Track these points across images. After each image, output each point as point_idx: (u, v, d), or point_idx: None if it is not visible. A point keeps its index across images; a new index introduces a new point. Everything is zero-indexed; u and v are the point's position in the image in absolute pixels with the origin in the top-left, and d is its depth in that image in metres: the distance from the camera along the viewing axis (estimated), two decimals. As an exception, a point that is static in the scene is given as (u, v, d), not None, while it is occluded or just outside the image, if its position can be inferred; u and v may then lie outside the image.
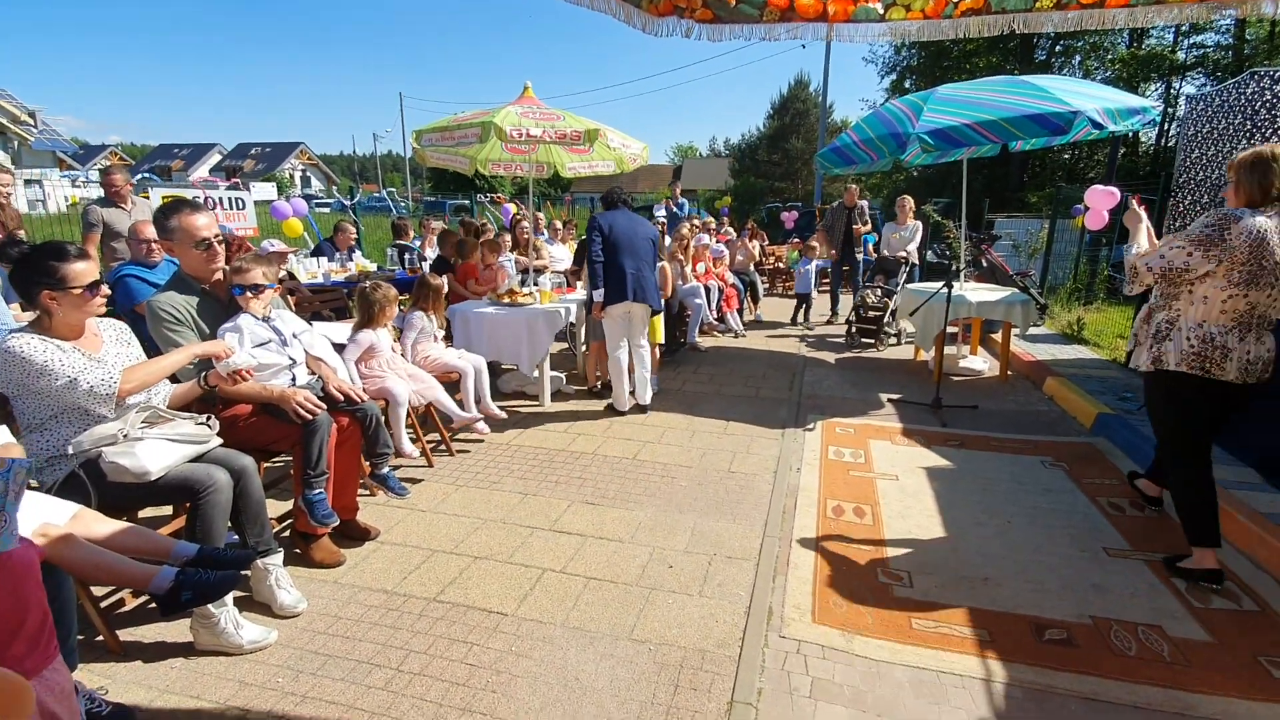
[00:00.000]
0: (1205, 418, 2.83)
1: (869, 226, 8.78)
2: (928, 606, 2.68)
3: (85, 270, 2.19)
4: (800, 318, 9.01)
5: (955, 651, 2.41)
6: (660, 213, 10.62)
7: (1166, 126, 21.68)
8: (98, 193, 5.51)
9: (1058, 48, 23.24)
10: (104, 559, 1.92)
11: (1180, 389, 2.80)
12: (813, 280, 9.00)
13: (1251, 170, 2.64)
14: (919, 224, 8.56)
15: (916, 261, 8.53)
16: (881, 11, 2.13)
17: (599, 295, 4.79)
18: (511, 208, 13.03)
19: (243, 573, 2.27)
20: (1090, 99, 4.92)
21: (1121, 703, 2.15)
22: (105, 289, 2.26)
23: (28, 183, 22.15)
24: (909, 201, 8.48)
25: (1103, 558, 3.04)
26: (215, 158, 53.58)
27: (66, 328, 2.22)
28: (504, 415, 4.69)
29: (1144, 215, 3.01)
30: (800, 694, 2.21)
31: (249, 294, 2.81)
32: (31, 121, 28.40)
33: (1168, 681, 2.24)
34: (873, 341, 7.58)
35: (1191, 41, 21.61)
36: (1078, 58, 23.28)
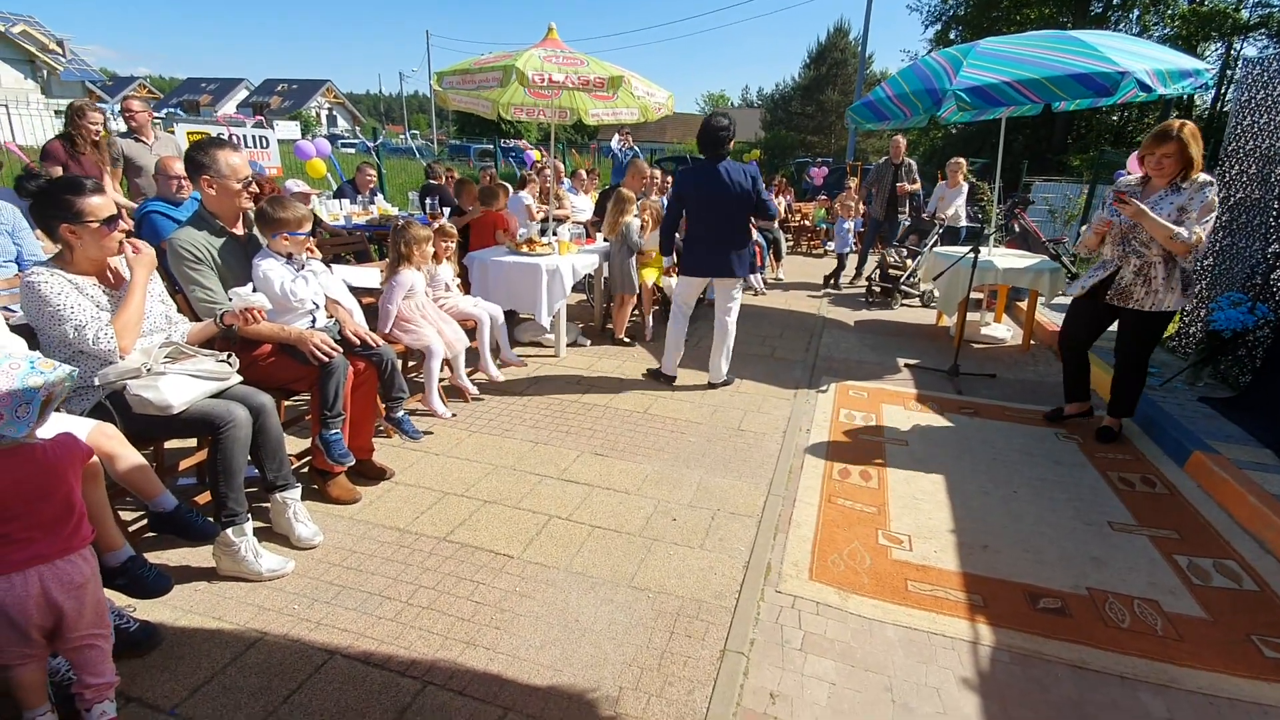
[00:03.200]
0: None
1: (917, 185, 8.43)
2: (925, 570, 2.72)
3: (102, 204, 2.21)
4: (836, 279, 8.85)
5: (948, 614, 2.46)
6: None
7: (1223, 90, 20.58)
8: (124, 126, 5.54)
9: (1115, 0, 21.96)
10: (100, 511, 1.98)
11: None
12: (851, 239, 8.82)
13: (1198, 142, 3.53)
14: (965, 186, 8.32)
15: (965, 224, 8.33)
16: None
17: (668, 261, 4.66)
18: (534, 154, 12.84)
19: (219, 539, 2.39)
20: (1140, 59, 4.67)
21: (1108, 672, 2.19)
22: (124, 223, 2.28)
23: (57, 113, 22.24)
24: (962, 164, 8.27)
25: (1106, 531, 3.05)
26: (242, 93, 53.22)
27: (87, 262, 2.27)
28: (523, 363, 4.80)
29: (1139, 204, 3.52)
30: (791, 646, 2.28)
31: (287, 236, 2.85)
32: (60, 50, 28.34)
33: (1157, 654, 2.27)
34: (888, 300, 7.62)
35: (1258, 0, 20.31)
36: (1136, 11, 22.00)
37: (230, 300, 2.63)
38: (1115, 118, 23.03)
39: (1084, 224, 9.57)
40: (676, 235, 4.87)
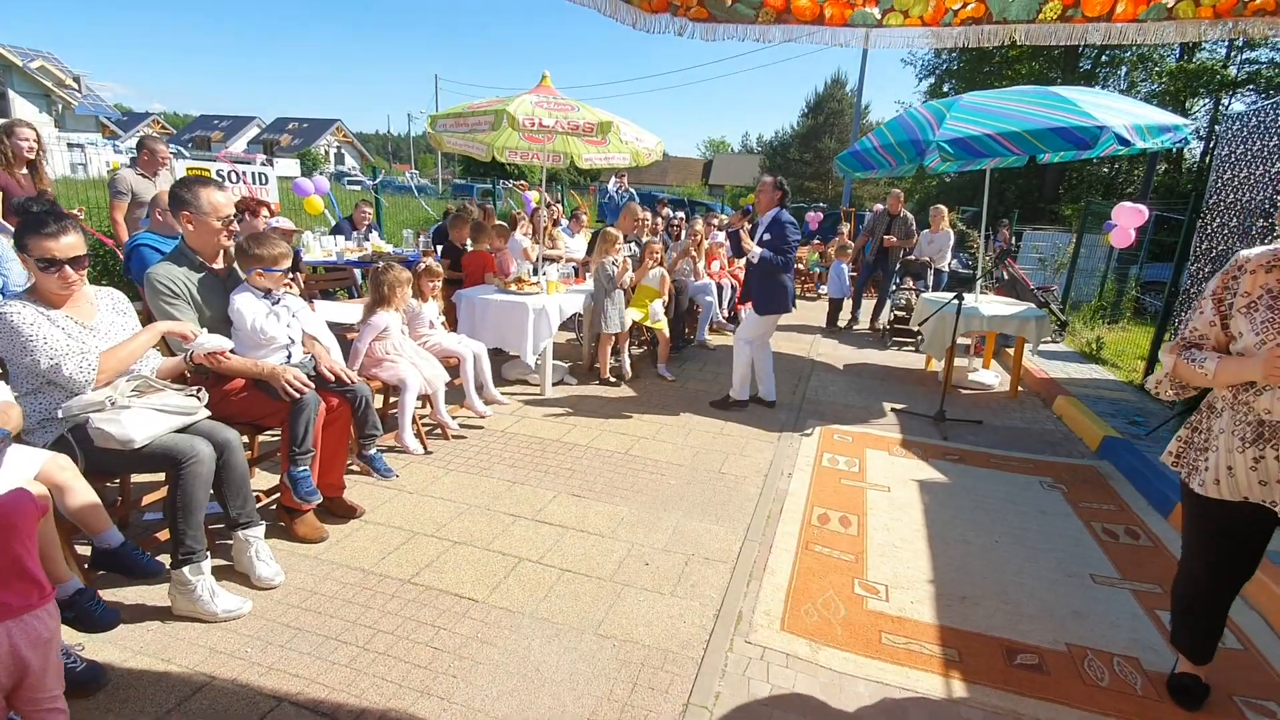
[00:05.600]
0: None
1: (911, 240, 8.49)
2: (900, 622, 2.65)
3: (61, 245, 2.19)
4: (837, 321, 8.97)
5: (921, 669, 2.39)
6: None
7: (1212, 145, 21.01)
8: (136, 159, 5.62)
9: (1104, 57, 22.62)
10: (49, 545, 1.95)
11: None
12: (846, 282, 8.92)
13: None
14: (950, 233, 8.44)
15: (948, 269, 8.41)
16: (879, 17, 2.09)
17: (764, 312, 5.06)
18: (533, 195, 13.09)
19: (175, 577, 2.36)
20: (1119, 114, 4.79)
21: (1084, 734, 2.12)
22: (69, 270, 2.24)
23: (70, 146, 22.72)
24: (944, 210, 8.40)
25: (1088, 584, 2.99)
26: (254, 130, 54.43)
27: (53, 295, 2.27)
28: (505, 401, 4.79)
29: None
30: (758, 700, 2.20)
31: (261, 272, 2.86)
32: (76, 86, 29.06)
33: (1135, 715, 2.20)
34: (911, 342, 7.65)
35: (1245, 57, 20.90)
36: (1124, 69, 22.62)
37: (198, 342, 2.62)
38: (1106, 169, 23.51)
39: (1073, 271, 9.57)
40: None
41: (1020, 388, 6.07)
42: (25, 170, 4.69)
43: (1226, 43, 20.50)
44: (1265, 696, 2.32)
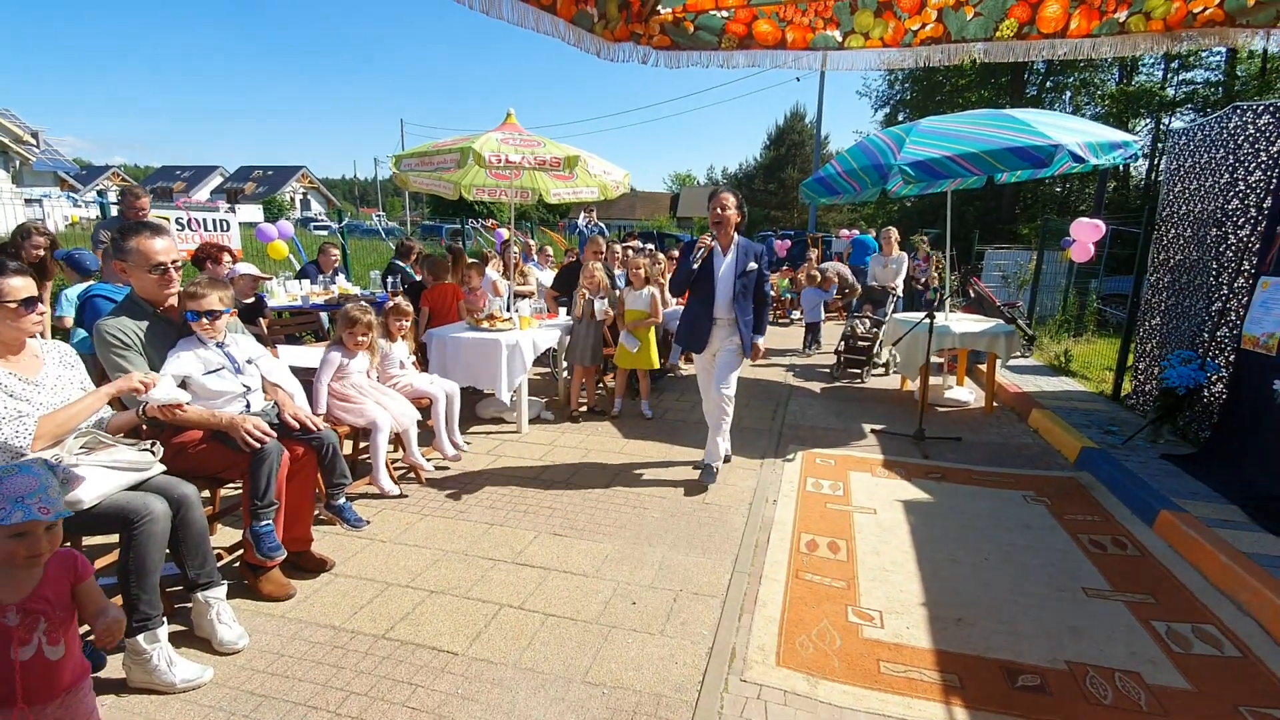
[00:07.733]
0: None
1: (857, 290, 8.63)
2: (897, 649, 2.57)
3: (21, 286, 2.13)
4: (810, 346, 9.02)
5: (923, 698, 2.30)
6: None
7: (1157, 161, 21.98)
8: (96, 213, 5.58)
9: (1048, 84, 23.67)
10: None
11: None
12: (820, 307, 8.98)
13: None
14: (904, 255, 8.55)
15: (900, 294, 8.46)
16: (840, 40, 2.11)
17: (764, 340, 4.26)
18: (504, 232, 13.12)
19: (130, 646, 2.24)
20: (1071, 133, 4.94)
21: (1094, 757, 2.05)
22: (42, 307, 2.18)
23: (27, 201, 22.17)
24: (894, 233, 8.46)
25: (1081, 598, 2.95)
26: (217, 180, 53.93)
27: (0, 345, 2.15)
28: (465, 448, 4.58)
29: None
30: (757, 743, 2.10)
31: (204, 320, 2.74)
32: (34, 142, 28.57)
33: (1143, 734, 2.14)
34: (859, 372, 7.49)
35: (1182, 79, 22.00)
36: (1068, 93, 23.66)
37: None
38: (1059, 189, 24.39)
39: (1036, 287, 9.79)
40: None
41: (995, 403, 6.12)
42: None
43: (1164, 65, 21.59)
44: (1270, 704, 2.28)
